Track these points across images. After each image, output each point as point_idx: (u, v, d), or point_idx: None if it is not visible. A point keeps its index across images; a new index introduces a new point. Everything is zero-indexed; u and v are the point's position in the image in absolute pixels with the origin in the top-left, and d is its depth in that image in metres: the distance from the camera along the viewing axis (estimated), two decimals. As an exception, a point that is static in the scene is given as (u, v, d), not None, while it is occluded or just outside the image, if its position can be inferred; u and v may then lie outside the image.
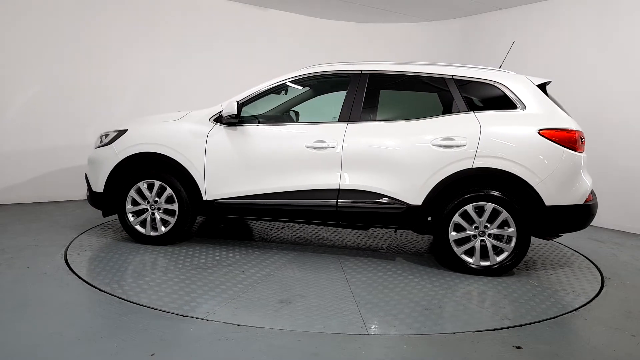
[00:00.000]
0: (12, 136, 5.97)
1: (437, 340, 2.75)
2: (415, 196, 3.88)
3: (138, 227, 4.28)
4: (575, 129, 3.85)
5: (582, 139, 3.91)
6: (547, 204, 3.75)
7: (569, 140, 3.79)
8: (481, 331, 2.89)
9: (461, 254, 3.89)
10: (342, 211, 3.99)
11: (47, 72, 6.10)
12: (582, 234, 5.57)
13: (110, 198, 4.30)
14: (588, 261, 4.52)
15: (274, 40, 7.78)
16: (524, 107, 3.88)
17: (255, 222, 5.45)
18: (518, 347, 2.70)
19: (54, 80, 6.15)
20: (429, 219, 3.99)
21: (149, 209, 4.25)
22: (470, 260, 3.88)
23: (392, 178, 3.89)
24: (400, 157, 3.88)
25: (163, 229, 4.26)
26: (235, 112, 4.00)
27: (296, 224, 5.37)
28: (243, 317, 2.94)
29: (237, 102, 4.04)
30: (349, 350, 2.60)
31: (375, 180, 3.91)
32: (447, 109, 4.04)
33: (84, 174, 4.57)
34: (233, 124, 4.11)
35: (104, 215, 4.48)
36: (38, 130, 6.12)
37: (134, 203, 4.27)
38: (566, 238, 5.25)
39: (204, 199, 4.14)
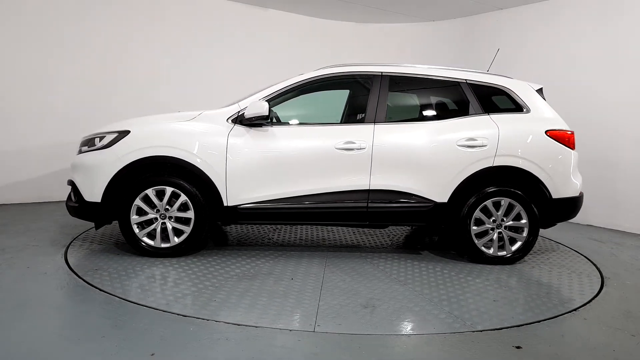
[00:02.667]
0: (12, 136, 5.98)
1: (436, 340, 2.75)
2: (441, 194, 4.07)
3: (146, 239, 3.94)
4: (570, 129, 4.26)
5: None
6: (553, 197, 4.17)
7: (568, 140, 4.24)
8: (481, 331, 2.89)
9: (481, 246, 4.17)
10: (372, 211, 4.04)
11: (47, 72, 6.11)
12: (582, 234, 5.58)
13: (108, 208, 3.88)
14: (588, 261, 4.53)
15: (274, 40, 7.79)
16: (529, 110, 4.26)
17: (241, 227, 5.41)
18: (518, 347, 2.70)
19: (54, 80, 6.16)
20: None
21: (159, 218, 3.93)
22: (489, 251, 4.19)
23: (420, 177, 4.04)
24: (428, 157, 4.03)
25: (176, 239, 3.94)
26: (266, 113, 3.84)
27: (288, 226, 5.36)
28: (347, 325, 2.87)
29: (269, 102, 3.94)
30: (349, 350, 2.60)
31: (404, 180, 4.02)
32: (463, 111, 4.26)
33: (69, 182, 4.07)
34: (259, 125, 3.95)
35: (97, 228, 4.09)
36: (38, 130, 6.13)
37: (140, 212, 3.91)
38: (566, 238, 5.26)
39: (225, 204, 3.91)
